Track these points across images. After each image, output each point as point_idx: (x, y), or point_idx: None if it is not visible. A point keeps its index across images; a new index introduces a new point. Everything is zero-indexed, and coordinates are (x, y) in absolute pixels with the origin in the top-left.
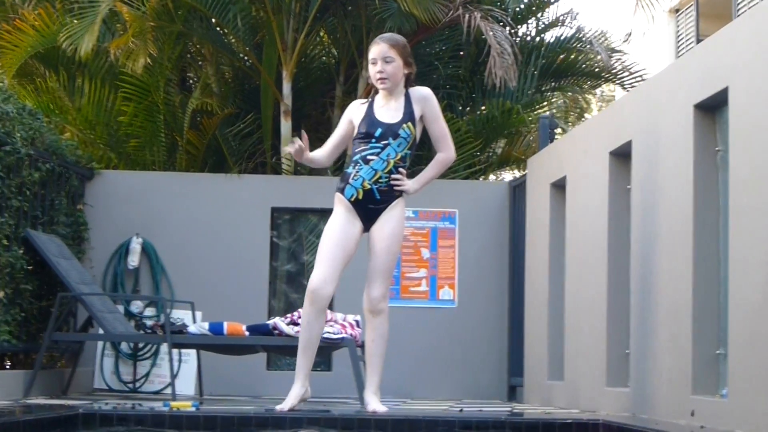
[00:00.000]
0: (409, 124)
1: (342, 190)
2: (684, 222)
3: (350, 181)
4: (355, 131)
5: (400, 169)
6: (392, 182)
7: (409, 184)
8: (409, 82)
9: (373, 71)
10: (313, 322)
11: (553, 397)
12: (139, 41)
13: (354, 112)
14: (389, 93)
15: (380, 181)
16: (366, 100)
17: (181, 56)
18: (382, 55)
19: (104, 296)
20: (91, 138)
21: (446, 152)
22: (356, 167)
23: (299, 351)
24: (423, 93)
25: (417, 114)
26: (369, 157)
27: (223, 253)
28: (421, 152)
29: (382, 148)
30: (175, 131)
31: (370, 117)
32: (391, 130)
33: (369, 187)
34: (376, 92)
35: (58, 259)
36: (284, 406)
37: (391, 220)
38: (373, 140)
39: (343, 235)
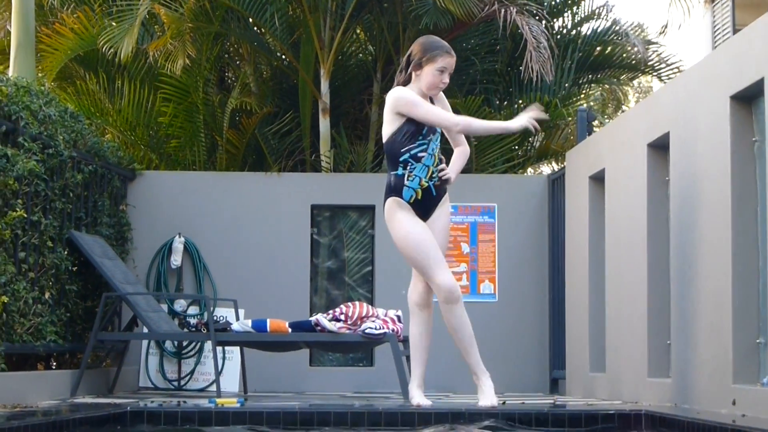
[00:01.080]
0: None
1: (399, 193)
2: (722, 212)
3: (406, 182)
4: (396, 126)
5: (441, 157)
6: (441, 174)
7: (451, 173)
8: None
9: (438, 79)
10: (426, 327)
11: (596, 388)
12: (178, 42)
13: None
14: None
15: (433, 177)
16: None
17: (219, 56)
18: (451, 68)
19: (148, 295)
20: (132, 139)
21: (465, 144)
22: (408, 167)
23: (415, 354)
24: (442, 95)
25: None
26: (419, 154)
27: (264, 250)
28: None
29: (428, 144)
30: (214, 131)
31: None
32: (433, 137)
33: (426, 184)
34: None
35: (102, 260)
36: (421, 402)
37: (443, 215)
38: (420, 137)
39: (429, 234)
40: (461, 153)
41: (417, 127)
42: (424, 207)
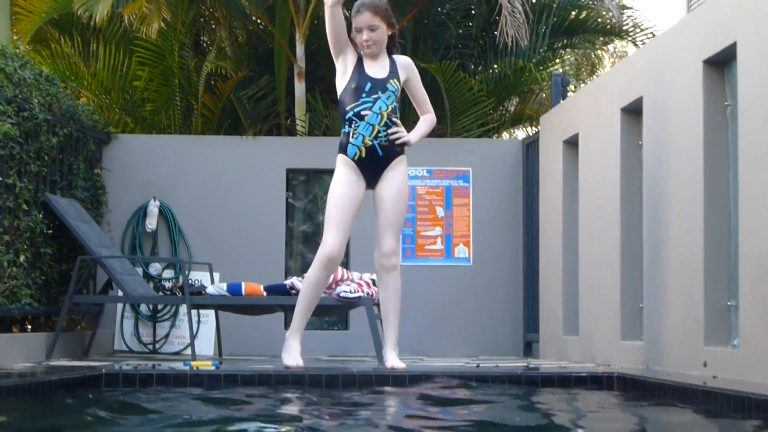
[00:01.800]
0: (395, 80)
1: (344, 151)
2: (695, 176)
3: (350, 140)
4: (342, 86)
5: (395, 120)
6: (391, 136)
7: (409, 135)
8: (394, 41)
9: (359, 39)
10: (323, 283)
11: (569, 352)
12: (153, 6)
13: (349, 52)
14: (374, 55)
15: (379, 135)
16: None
17: (194, 20)
18: (367, 24)
19: (123, 259)
20: (107, 103)
21: (431, 112)
22: (352, 125)
23: (303, 309)
24: (408, 61)
25: (402, 77)
26: (362, 112)
27: (239, 214)
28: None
29: (374, 102)
30: (190, 95)
31: (359, 71)
32: (380, 84)
33: (370, 143)
34: None
35: (77, 223)
36: (295, 362)
37: (396, 178)
38: (364, 95)
39: (351, 198)
40: (426, 119)
41: (357, 84)
42: (370, 166)
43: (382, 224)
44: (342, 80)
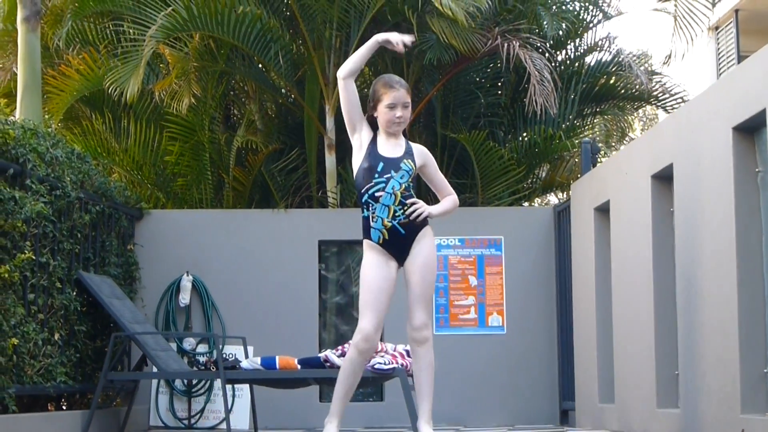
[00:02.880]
0: (410, 160)
1: (368, 235)
2: (727, 242)
3: (371, 224)
4: (357, 166)
5: (409, 196)
6: (410, 214)
7: (429, 208)
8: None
9: (391, 115)
10: (359, 370)
11: (605, 419)
12: (183, 82)
13: (365, 130)
14: (392, 134)
15: (396, 215)
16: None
17: (224, 94)
18: (401, 101)
19: (157, 335)
20: (139, 178)
21: (453, 194)
22: (370, 208)
23: (342, 394)
24: (422, 149)
25: (418, 163)
26: (376, 194)
27: (272, 287)
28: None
29: (386, 182)
30: (221, 169)
31: (372, 151)
32: (393, 163)
33: (390, 224)
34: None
35: (110, 300)
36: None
37: (423, 251)
38: (376, 175)
39: (383, 281)
40: (449, 199)
41: (370, 163)
42: (395, 247)
43: (412, 298)
44: (357, 157)
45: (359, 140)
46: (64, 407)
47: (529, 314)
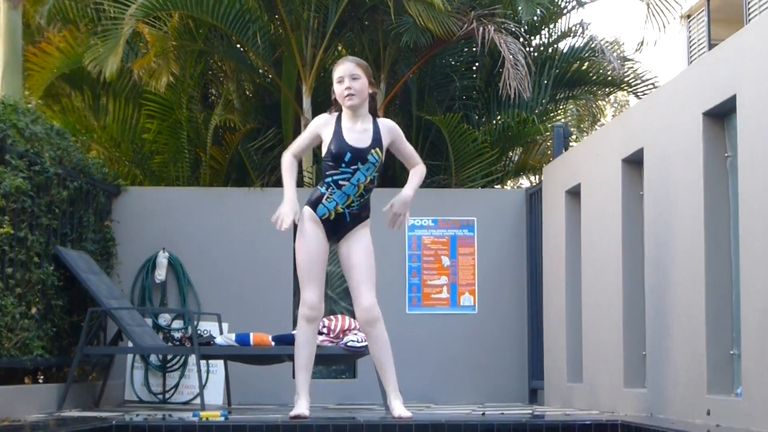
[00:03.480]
0: (377, 149)
1: (314, 207)
2: (696, 226)
3: (323, 201)
4: (324, 149)
5: (372, 189)
6: (395, 226)
7: (404, 202)
8: (374, 101)
9: (340, 89)
10: (312, 339)
11: (573, 398)
12: (162, 60)
13: (323, 127)
14: (355, 112)
15: (352, 205)
16: (334, 114)
17: (202, 74)
18: (348, 73)
19: (133, 310)
20: (117, 155)
21: (420, 163)
22: (329, 190)
23: (302, 368)
24: (391, 125)
25: (385, 143)
26: (341, 182)
27: (248, 265)
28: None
29: (352, 173)
30: (198, 147)
31: (339, 139)
32: (360, 155)
33: (342, 210)
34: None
35: (87, 275)
36: (299, 412)
37: (363, 237)
38: (343, 165)
39: (320, 253)
40: (416, 171)
41: (337, 150)
42: (335, 228)
43: (356, 281)
44: (324, 145)
45: (326, 135)
46: (40, 380)
47: (501, 294)
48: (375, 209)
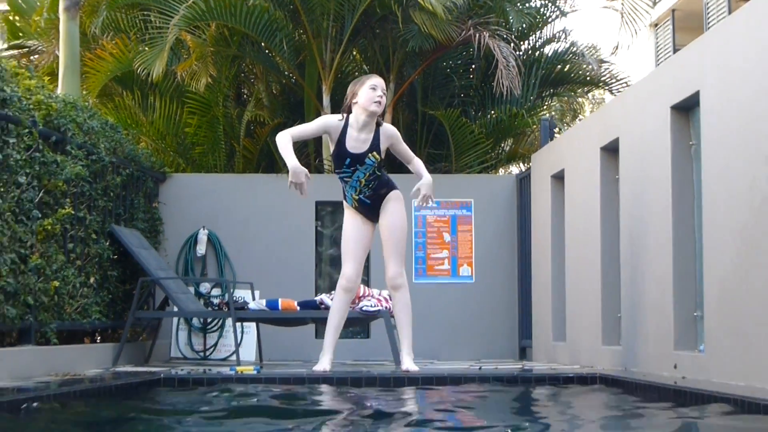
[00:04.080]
0: (374, 153)
1: (345, 199)
2: (664, 205)
3: (345, 193)
4: (331, 149)
5: (377, 178)
6: (423, 204)
7: (430, 189)
8: (379, 120)
9: (372, 95)
10: (346, 307)
11: (557, 355)
12: (201, 64)
13: (332, 128)
14: (365, 120)
15: (363, 192)
16: (341, 117)
17: (236, 75)
18: (381, 86)
19: (177, 279)
20: (163, 146)
21: (416, 158)
22: (341, 184)
23: (331, 330)
24: (391, 130)
25: (383, 147)
26: (345, 179)
27: (276, 240)
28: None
29: (352, 173)
30: (233, 139)
31: (340, 145)
32: (358, 159)
33: (357, 197)
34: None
35: (138, 249)
36: (322, 368)
37: (393, 211)
38: (344, 166)
39: (359, 235)
40: (419, 162)
41: (338, 154)
42: (365, 211)
43: (385, 252)
44: (330, 144)
45: (332, 137)
46: (98, 341)
47: (494, 266)
48: (403, 191)
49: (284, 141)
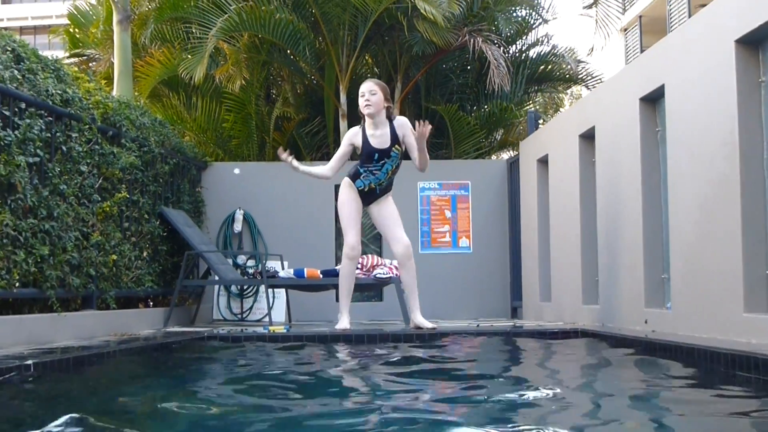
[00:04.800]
0: (396, 146)
1: (353, 179)
2: (635, 183)
3: (361, 178)
4: (359, 152)
5: (396, 171)
6: (425, 130)
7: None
8: (390, 114)
9: (361, 102)
10: (353, 272)
11: (544, 313)
12: (236, 68)
13: (354, 138)
14: (373, 120)
15: (382, 184)
16: (359, 126)
17: (266, 78)
18: (367, 89)
19: (218, 252)
20: (204, 139)
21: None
22: (365, 173)
23: (344, 293)
24: (402, 121)
25: (400, 137)
26: (374, 171)
27: (301, 218)
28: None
29: (382, 165)
30: (263, 132)
31: (367, 145)
32: (385, 153)
33: (374, 187)
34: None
35: (184, 227)
36: (342, 327)
37: (389, 202)
38: (374, 161)
39: (357, 209)
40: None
41: (368, 154)
42: (366, 197)
43: (392, 229)
44: (358, 149)
45: (357, 141)
46: (150, 305)
47: (489, 238)
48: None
49: (314, 170)
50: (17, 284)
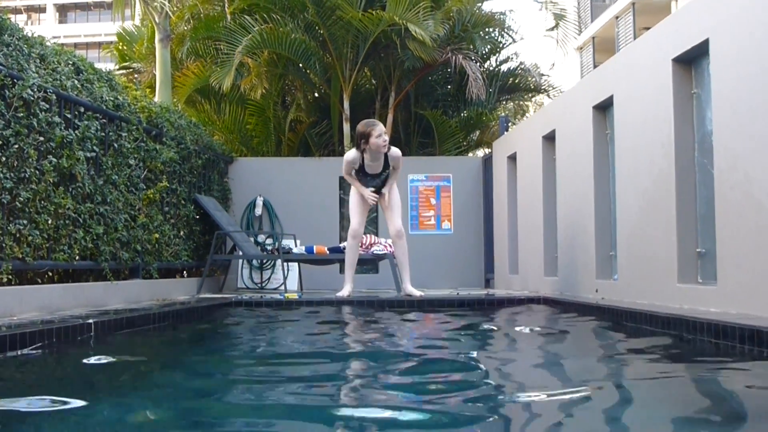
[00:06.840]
0: (386, 170)
1: (362, 183)
2: (588, 176)
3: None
4: (355, 171)
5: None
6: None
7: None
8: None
9: (381, 141)
10: (356, 249)
11: (512, 284)
12: (257, 79)
13: (355, 162)
14: (377, 155)
15: (378, 186)
16: (357, 152)
17: (282, 87)
18: (383, 131)
19: (242, 232)
20: (231, 139)
21: (398, 169)
22: (363, 181)
23: (348, 266)
24: (397, 154)
25: (391, 165)
26: (369, 185)
27: (311, 204)
28: (426, 140)
29: (374, 181)
30: (280, 133)
31: (363, 168)
32: (378, 176)
33: (373, 187)
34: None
35: (214, 212)
36: (345, 293)
37: (394, 194)
38: (368, 179)
39: (364, 202)
40: (395, 173)
41: (363, 177)
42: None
43: (388, 215)
44: (356, 167)
45: (356, 164)
46: (186, 276)
47: (467, 221)
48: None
49: (350, 179)
50: (77, 257)
